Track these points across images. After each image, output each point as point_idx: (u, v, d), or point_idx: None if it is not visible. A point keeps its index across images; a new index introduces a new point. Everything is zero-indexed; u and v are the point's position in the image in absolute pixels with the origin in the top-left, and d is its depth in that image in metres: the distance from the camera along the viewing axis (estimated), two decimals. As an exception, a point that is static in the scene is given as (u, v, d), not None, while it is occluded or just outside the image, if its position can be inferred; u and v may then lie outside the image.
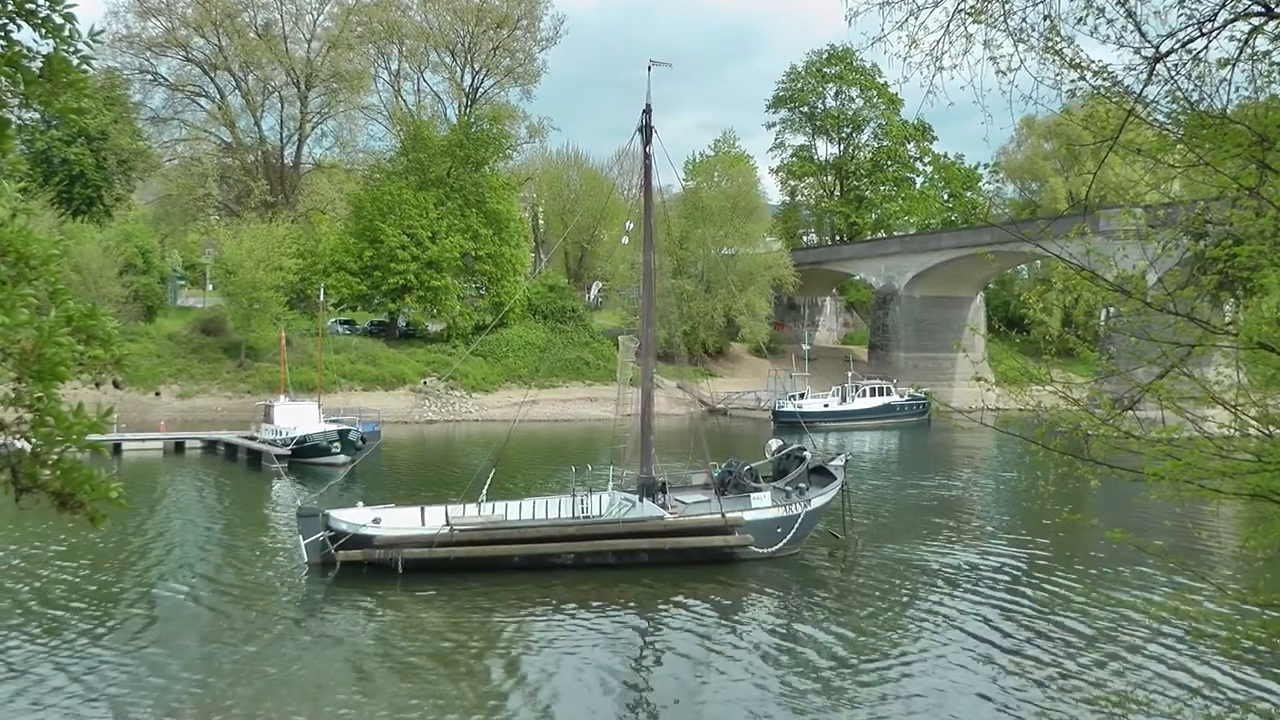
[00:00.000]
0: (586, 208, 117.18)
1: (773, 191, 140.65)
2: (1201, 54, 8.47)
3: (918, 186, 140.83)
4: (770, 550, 32.47)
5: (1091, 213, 10.64)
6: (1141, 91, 8.62)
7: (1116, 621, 25.65)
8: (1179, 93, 8.61)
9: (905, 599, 28.61)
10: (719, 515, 31.93)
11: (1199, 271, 9.18)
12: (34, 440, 5.19)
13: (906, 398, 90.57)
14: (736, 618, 26.92)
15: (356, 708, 19.62)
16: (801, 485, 35.19)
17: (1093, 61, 8.69)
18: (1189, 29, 8.49)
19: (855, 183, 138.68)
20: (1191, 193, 9.92)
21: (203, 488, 48.08)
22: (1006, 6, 9.22)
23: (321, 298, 74.49)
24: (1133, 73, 8.63)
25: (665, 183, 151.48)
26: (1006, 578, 30.90)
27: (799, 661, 22.95)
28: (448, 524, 30.68)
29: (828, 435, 72.61)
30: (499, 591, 28.34)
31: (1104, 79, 8.69)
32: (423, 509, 32.62)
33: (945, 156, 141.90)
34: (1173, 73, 8.54)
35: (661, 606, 27.60)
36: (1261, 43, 8.38)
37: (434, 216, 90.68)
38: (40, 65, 5.30)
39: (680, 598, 28.18)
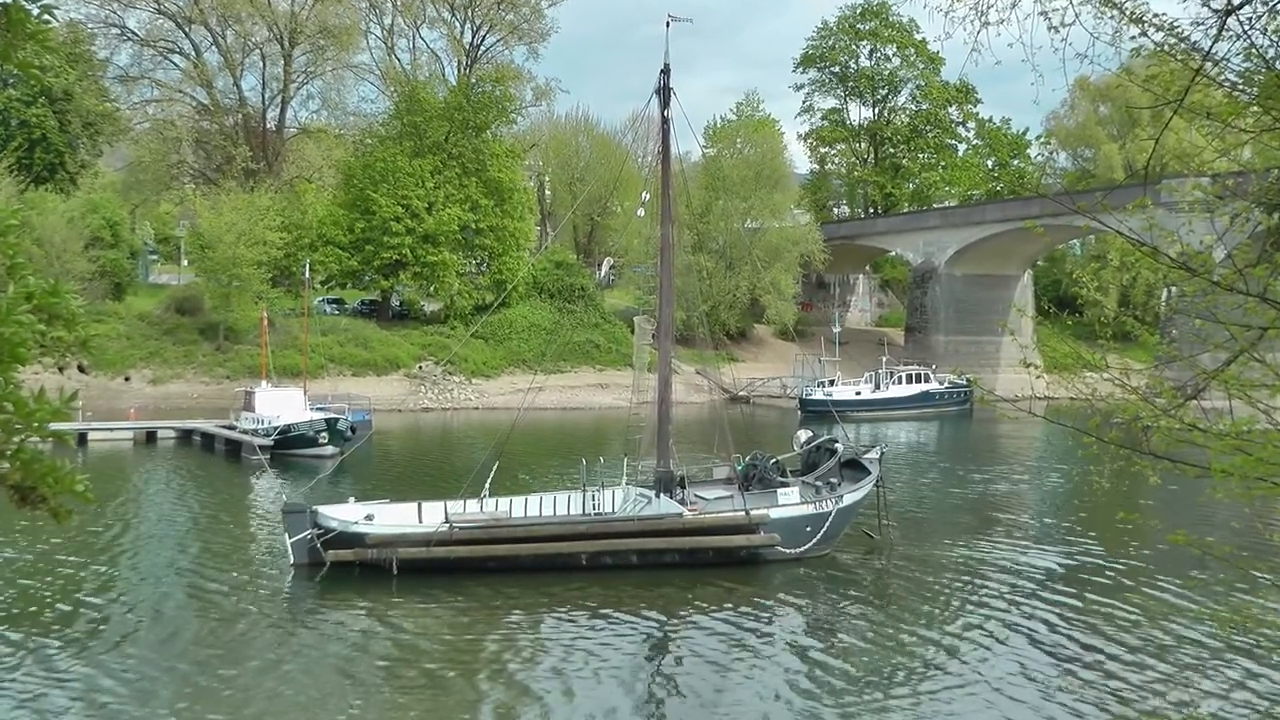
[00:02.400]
0: (597, 177, 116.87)
1: (800, 160, 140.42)
2: (1279, 6, 8.37)
3: (960, 154, 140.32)
4: (799, 551, 32.44)
5: (1152, 183, 10.56)
6: (1211, 48, 8.53)
7: (1179, 633, 25.57)
8: (1253, 49, 8.51)
9: (945, 605, 28.58)
10: (743, 512, 31.93)
11: (1272, 247, 9.11)
12: (-9, 429, 5.15)
13: (947, 385, 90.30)
14: (761, 625, 26.91)
15: (345, 722, 19.68)
16: (833, 480, 35.10)
17: (1156, 15, 8.60)
18: (1265, -23, 8.39)
19: (891, 150, 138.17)
20: (1265, 160, 9.84)
21: (177, 482, 48.20)
22: (1061, -47, 9.12)
23: (307, 274, 74.36)
24: (1201, 27, 8.53)
25: (684, 150, 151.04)
26: (1056, 583, 30.84)
27: (829, 673, 22.93)
28: (447, 521, 30.75)
29: (860, 426, 72.78)
30: (502, 595, 28.39)
31: (1168, 34, 8.60)
32: (420, 505, 32.72)
33: (990, 121, 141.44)
34: (1246, 27, 8.44)
35: (680, 612, 27.61)
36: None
37: (431, 186, 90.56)
38: (-4, 15, 5.24)
39: (700, 602, 28.20)
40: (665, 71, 34.63)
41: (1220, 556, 10.58)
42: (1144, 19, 8.56)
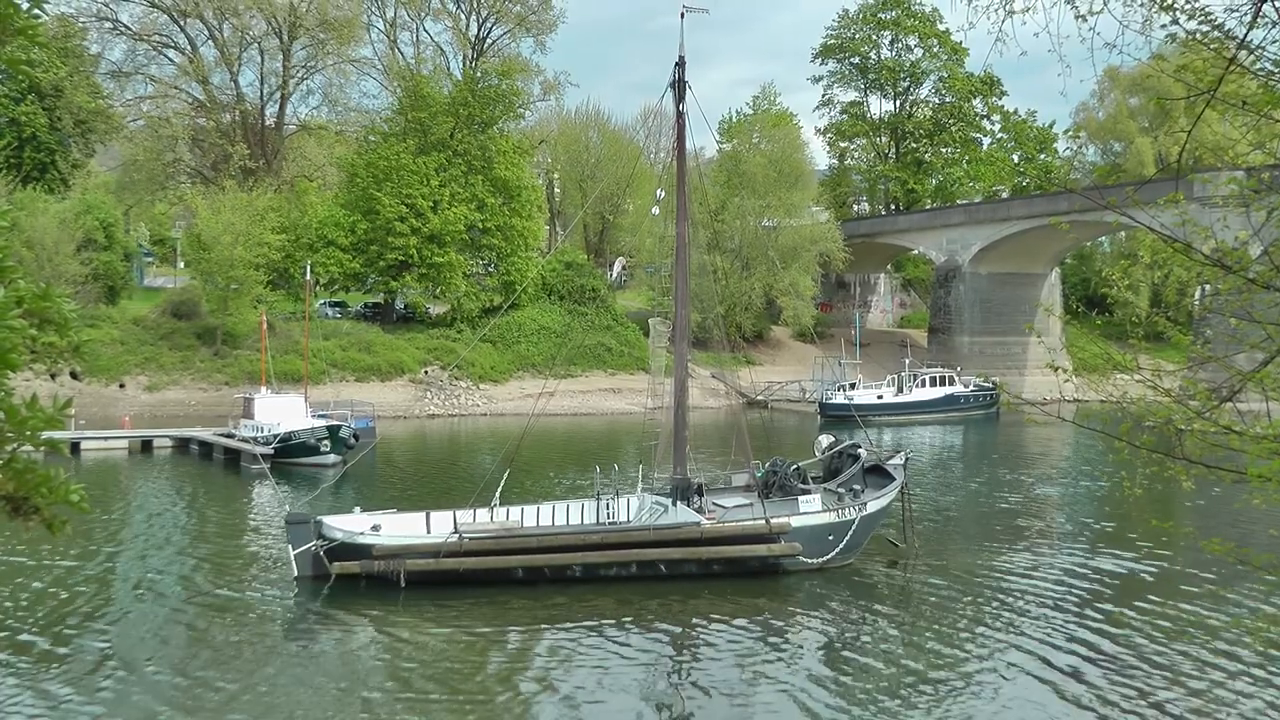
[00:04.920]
0: (609, 174, 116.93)
1: (819, 155, 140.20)
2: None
3: (984, 148, 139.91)
4: (821, 560, 32.38)
5: (1185, 176, 10.53)
6: (1246, 36, 8.51)
7: (1218, 647, 25.41)
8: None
9: (974, 617, 28.48)
10: (763, 521, 31.82)
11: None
12: (-18, 438, 5.15)
13: (972, 388, 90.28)
14: (782, 638, 26.86)
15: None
16: (856, 487, 35.07)
17: (1187, 1, 8.58)
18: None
19: (913, 144, 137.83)
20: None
21: (174, 492, 48.21)
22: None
23: (308, 276, 74.25)
24: (1235, 14, 8.52)
25: (699, 145, 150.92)
26: (1087, 594, 30.71)
27: (853, 690, 22.86)
28: (456, 532, 30.71)
29: (883, 430, 72.68)
30: (514, 608, 28.38)
31: (1201, 22, 8.57)
32: (428, 515, 32.72)
33: (1016, 114, 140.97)
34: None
35: (698, 625, 27.58)
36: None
37: (436, 184, 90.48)
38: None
39: (719, 614, 28.13)
40: (680, 64, 34.56)
41: (1259, 566, 10.55)
42: (1175, 6, 8.54)
